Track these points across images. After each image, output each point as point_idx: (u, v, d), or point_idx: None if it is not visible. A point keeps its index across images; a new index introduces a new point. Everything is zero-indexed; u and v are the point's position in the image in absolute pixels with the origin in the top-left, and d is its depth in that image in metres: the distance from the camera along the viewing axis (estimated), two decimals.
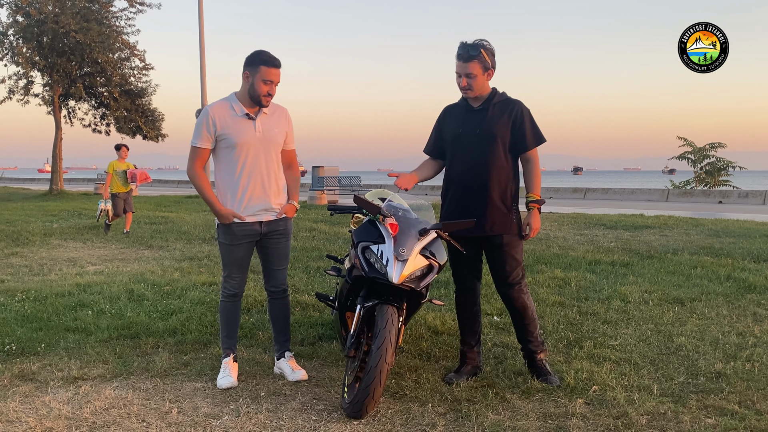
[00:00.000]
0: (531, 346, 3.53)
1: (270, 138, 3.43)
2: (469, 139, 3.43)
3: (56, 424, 2.92)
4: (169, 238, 9.63)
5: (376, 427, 2.93)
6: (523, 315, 3.52)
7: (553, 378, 3.42)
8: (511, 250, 3.46)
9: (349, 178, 21.03)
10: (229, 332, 3.59)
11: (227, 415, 3.05)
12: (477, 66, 3.36)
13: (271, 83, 3.34)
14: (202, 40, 21.28)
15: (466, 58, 3.36)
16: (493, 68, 3.43)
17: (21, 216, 13.34)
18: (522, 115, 3.43)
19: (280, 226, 3.53)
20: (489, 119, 3.42)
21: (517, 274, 3.49)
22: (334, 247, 8.40)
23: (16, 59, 21.63)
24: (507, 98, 3.49)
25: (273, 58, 3.35)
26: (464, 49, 3.37)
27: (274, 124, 3.47)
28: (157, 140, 24.58)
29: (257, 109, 3.41)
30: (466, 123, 3.47)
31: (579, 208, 16.25)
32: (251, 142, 3.38)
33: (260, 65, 3.32)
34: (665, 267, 6.75)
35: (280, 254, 3.59)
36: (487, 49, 3.39)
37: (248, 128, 3.38)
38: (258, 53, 3.35)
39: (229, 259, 3.52)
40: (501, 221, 3.43)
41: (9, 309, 4.98)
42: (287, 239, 3.60)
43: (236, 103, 3.39)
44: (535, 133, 3.46)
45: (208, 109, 3.39)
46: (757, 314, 4.84)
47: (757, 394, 3.24)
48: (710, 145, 27.31)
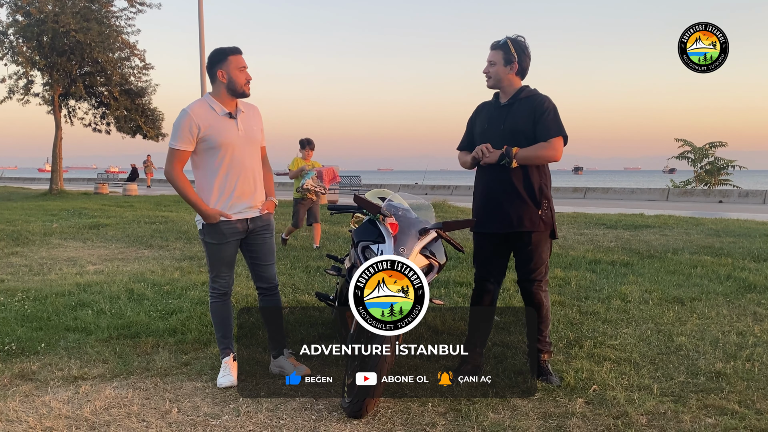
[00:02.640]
0: (539, 345, 3.52)
1: (251, 136, 3.44)
2: (494, 135, 3.46)
3: (56, 424, 2.92)
4: (169, 237, 9.63)
5: (376, 427, 2.93)
6: (538, 312, 3.52)
7: (553, 378, 3.43)
8: (538, 248, 3.48)
9: (349, 177, 21.05)
10: (225, 332, 3.58)
11: (227, 415, 3.05)
12: (499, 55, 3.45)
13: (245, 69, 3.35)
14: (202, 40, 21.29)
15: (493, 46, 3.49)
16: (518, 64, 3.45)
17: (21, 215, 13.34)
18: (545, 108, 3.42)
19: (263, 221, 3.54)
20: (514, 114, 3.45)
21: (540, 271, 3.51)
22: (334, 246, 8.40)
23: (16, 59, 21.59)
24: (535, 93, 3.49)
25: (234, 46, 3.37)
26: (497, 40, 3.49)
27: (253, 123, 3.48)
28: (157, 140, 24.57)
29: (236, 108, 3.40)
30: (493, 119, 3.51)
31: (579, 208, 16.24)
32: (235, 142, 3.36)
33: (229, 56, 3.33)
34: (665, 266, 6.75)
35: (267, 249, 3.59)
36: (517, 44, 3.45)
37: (231, 128, 3.36)
38: (220, 49, 3.36)
39: (216, 258, 3.50)
40: (529, 218, 3.43)
41: (9, 308, 4.98)
42: (271, 234, 3.62)
43: (214, 102, 3.37)
44: (556, 126, 3.42)
45: (188, 110, 3.32)
46: (757, 314, 4.84)
47: (757, 393, 3.24)
48: (710, 145, 27.28)
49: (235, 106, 3.41)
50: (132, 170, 30.93)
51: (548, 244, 3.54)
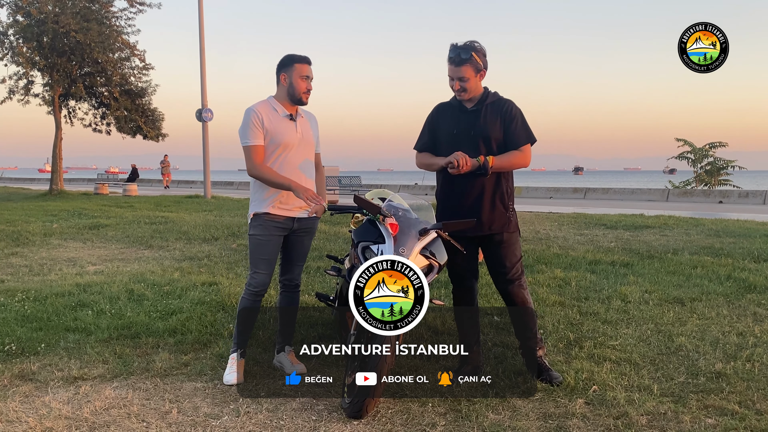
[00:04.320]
0: (530, 343, 3.53)
1: (308, 139, 3.59)
2: (464, 140, 3.46)
3: (56, 424, 2.92)
4: (169, 238, 9.62)
5: (376, 427, 2.93)
6: (523, 311, 3.54)
7: (554, 374, 3.44)
8: (510, 247, 3.52)
9: (350, 177, 21.04)
10: (243, 329, 3.62)
11: (227, 415, 3.05)
12: (469, 69, 3.38)
13: (307, 78, 3.49)
14: (202, 40, 21.30)
15: (458, 62, 3.37)
16: (486, 68, 3.45)
17: (21, 216, 13.34)
18: (513, 114, 3.47)
19: (308, 224, 3.65)
20: (483, 120, 3.46)
21: (516, 269, 3.53)
22: (334, 247, 8.40)
23: (16, 59, 21.59)
24: (500, 98, 3.52)
25: (304, 56, 3.52)
26: (455, 53, 3.37)
27: (309, 127, 3.62)
28: (158, 140, 24.57)
29: (296, 112, 3.55)
30: (461, 124, 3.49)
31: (579, 208, 16.24)
32: (293, 143, 3.51)
33: (294, 63, 3.48)
34: (665, 267, 6.75)
35: (302, 251, 3.72)
36: (479, 51, 3.39)
37: (290, 129, 3.51)
38: (289, 55, 3.52)
39: (258, 253, 3.57)
40: (499, 220, 3.49)
41: (9, 309, 4.98)
42: (311, 238, 3.75)
43: (276, 104, 3.53)
44: (526, 132, 3.50)
45: (253, 108, 3.50)
46: (757, 314, 4.84)
47: (758, 394, 3.24)
48: (710, 145, 27.28)
49: (296, 110, 3.57)
50: (132, 170, 30.88)
51: (518, 242, 3.59)
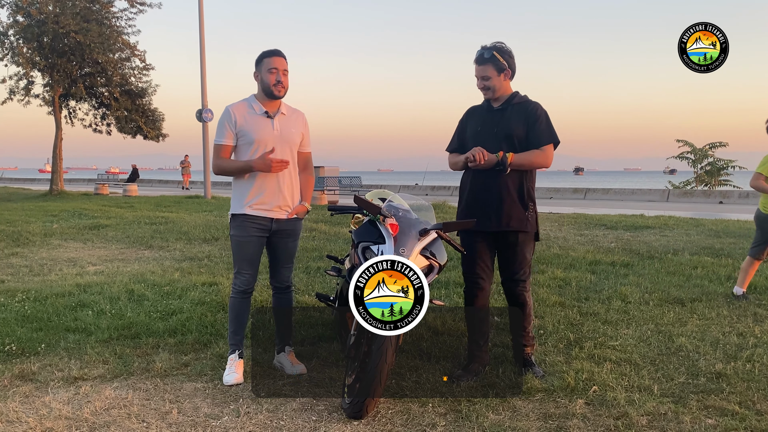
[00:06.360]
0: (522, 340, 3.66)
1: (287, 137, 3.54)
2: (487, 138, 3.54)
3: (56, 425, 2.92)
4: (169, 238, 9.62)
5: (376, 427, 2.93)
6: (522, 311, 3.64)
7: (537, 369, 3.57)
8: (524, 249, 3.59)
9: (350, 178, 21.02)
10: (236, 328, 3.62)
11: (227, 416, 3.05)
12: (491, 68, 3.52)
13: (276, 70, 3.45)
14: (202, 40, 21.30)
15: (481, 61, 3.54)
16: (510, 69, 3.56)
17: (21, 216, 13.34)
18: (538, 115, 3.54)
19: (289, 225, 3.61)
20: (507, 119, 3.54)
21: (524, 272, 3.62)
22: (334, 247, 8.40)
23: (16, 59, 21.60)
24: (527, 100, 3.61)
25: (273, 49, 3.52)
26: (480, 53, 3.55)
27: (292, 125, 3.58)
28: (158, 140, 24.57)
29: (276, 109, 3.53)
30: (486, 122, 3.59)
31: (579, 209, 16.24)
32: (269, 140, 3.48)
33: (262, 59, 3.49)
34: (666, 267, 6.75)
35: (287, 254, 3.68)
36: (503, 52, 3.53)
37: (266, 126, 3.50)
38: (261, 52, 3.53)
39: (239, 254, 3.57)
40: (518, 218, 3.53)
41: (9, 309, 4.98)
42: (295, 239, 3.69)
43: (255, 102, 3.53)
44: (549, 133, 3.55)
45: (228, 108, 3.52)
46: (757, 314, 4.84)
47: (758, 394, 3.24)
48: (710, 145, 27.25)
49: (277, 107, 3.54)
50: (132, 171, 30.86)
51: (532, 245, 3.66)
